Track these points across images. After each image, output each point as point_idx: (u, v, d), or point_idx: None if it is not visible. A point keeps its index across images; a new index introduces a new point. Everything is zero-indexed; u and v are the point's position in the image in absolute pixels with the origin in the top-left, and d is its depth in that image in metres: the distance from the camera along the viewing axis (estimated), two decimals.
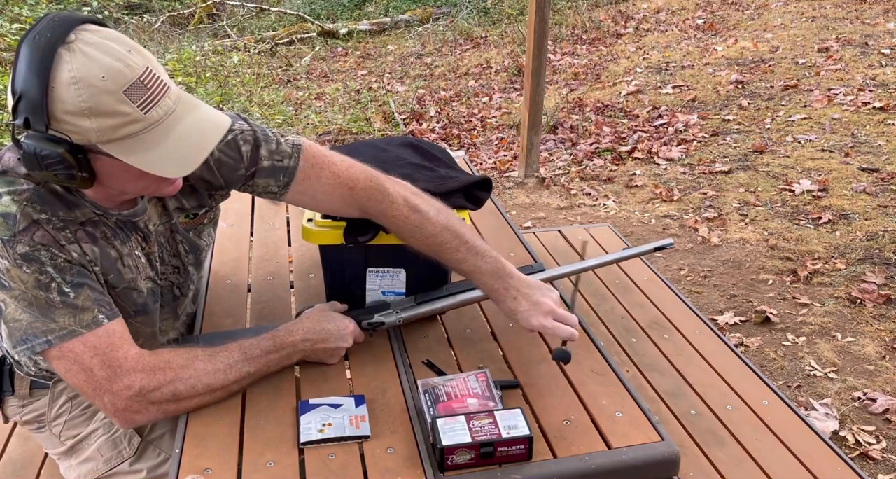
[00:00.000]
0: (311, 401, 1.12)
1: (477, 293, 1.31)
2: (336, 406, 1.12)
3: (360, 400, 1.13)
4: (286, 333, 1.19)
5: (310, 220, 1.29)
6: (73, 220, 1.09)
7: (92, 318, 1.06)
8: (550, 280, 1.35)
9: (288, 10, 9.19)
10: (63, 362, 1.06)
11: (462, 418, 1.03)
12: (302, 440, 1.05)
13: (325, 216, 1.29)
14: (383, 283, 1.33)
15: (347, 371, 1.23)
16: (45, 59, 0.92)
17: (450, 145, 5.04)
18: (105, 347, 1.07)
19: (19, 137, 0.97)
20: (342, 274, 1.32)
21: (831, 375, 2.41)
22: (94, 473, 1.32)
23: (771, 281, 3.00)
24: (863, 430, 2.15)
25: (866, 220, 3.39)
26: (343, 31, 8.50)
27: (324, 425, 1.08)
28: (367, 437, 1.06)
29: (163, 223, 1.25)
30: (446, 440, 0.98)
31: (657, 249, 1.40)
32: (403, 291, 1.34)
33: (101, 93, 0.93)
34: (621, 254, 1.41)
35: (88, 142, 0.96)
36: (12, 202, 1.03)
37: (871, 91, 4.77)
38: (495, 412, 1.04)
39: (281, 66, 7.56)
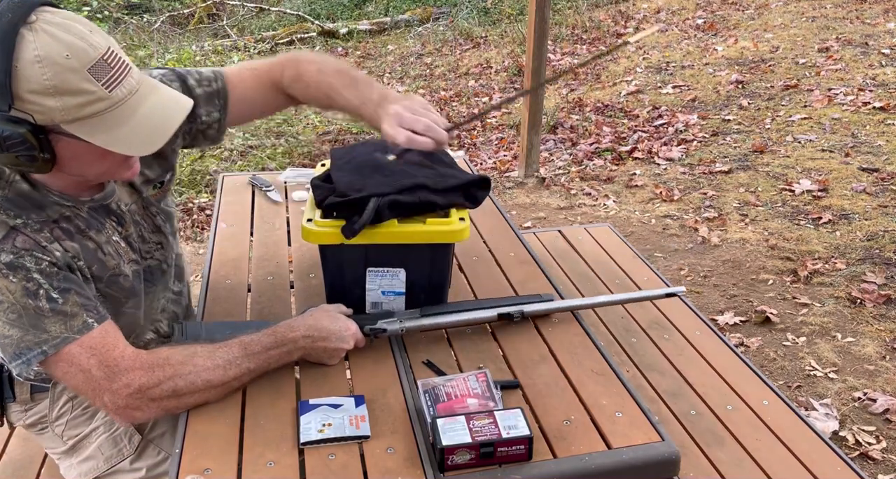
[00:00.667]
0: (311, 401, 1.12)
1: (483, 315, 1.32)
2: (336, 406, 1.11)
3: (360, 400, 1.13)
4: (287, 329, 1.19)
5: (309, 220, 1.29)
6: (47, 219, 1.09)
7: (82, 322, 1.06)
8: (557, 311, 1.36)
9: (288, 10, 9.19)
10: (60, 366, 1.07)
11: (462, 418, 1.03)
12: (302, 440, 1.05)
13: (324, 216, 1.29)
14: (383, 283, 1.33)
15: (347, 371, 1.23)
16: (7, 39, 0.91)
17: (449, 145, 5.03)
18: (100, 347, 1.07)
19: None
20: (342, 274, 1.32)
21: (831, 375, 2.41)
22: (95, 471, 1.32)
23: (771, 281, 3.00)
24: (863, 430, 2.15)
25: (866, 220, 3.39)
26: (343, 30, 8.50)
27: (324, 425, 1.07)
28: (367, 437, 1.06)
29: (134, 202, 1.25)
30: (446, 440, 0.98)
31: (668, 295, 1.41)
32: (403, 291, 1.34)
33: (65, 71, 0.93)
34: (630, 295, 1.43)
35: (52, 122, 0.96)
36: None
37: (871, 91, 4.77)
38: (495, 412, 1.04)
39: None
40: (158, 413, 1.11)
